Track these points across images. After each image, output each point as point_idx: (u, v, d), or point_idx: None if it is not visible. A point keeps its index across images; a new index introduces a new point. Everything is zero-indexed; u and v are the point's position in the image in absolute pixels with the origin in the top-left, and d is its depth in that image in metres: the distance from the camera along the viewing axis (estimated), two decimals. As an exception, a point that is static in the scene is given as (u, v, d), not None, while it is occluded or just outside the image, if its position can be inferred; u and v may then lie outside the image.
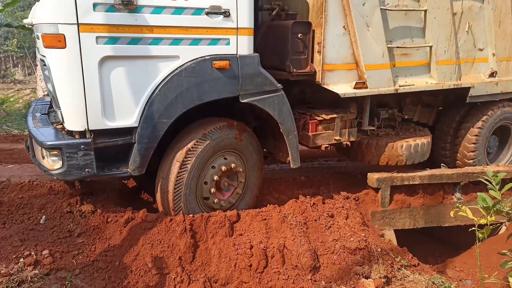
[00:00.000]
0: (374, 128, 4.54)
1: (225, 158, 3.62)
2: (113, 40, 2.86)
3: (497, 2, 4.69)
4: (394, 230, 4.36)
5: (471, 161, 5.03)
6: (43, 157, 3.08)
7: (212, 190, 3.57)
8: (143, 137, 3.09)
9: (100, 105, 2.92)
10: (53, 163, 3.00)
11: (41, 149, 3.08)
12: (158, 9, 2.95)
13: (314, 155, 6.07)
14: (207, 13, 3.13)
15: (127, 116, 3.04)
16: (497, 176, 1.86)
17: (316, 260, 3.31)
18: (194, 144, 3.38)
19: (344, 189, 4.46)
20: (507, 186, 1.82)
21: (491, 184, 1.84)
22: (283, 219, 3.51)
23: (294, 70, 3.68)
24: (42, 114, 3.81)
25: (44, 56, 2.94)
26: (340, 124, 4.07)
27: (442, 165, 4.77)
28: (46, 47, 2.83)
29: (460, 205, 1.99)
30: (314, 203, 3.88)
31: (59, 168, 2.95)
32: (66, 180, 3.38)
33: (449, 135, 5.16)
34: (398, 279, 3.44)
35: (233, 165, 3.64)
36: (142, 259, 3.07)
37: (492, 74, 4.84)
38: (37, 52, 3.82)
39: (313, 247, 3.40)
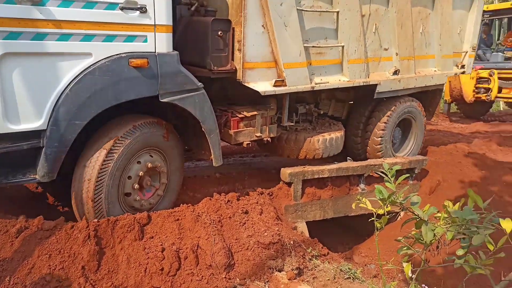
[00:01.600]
0: (292, 123, 4.70)
1: (151, 156, 3.50)
2: (14, 35, 2.60)
3: (399, 6, 5.03)
4: (306, 222, 4.54)
5: (379, 152, 5.45)
6: None
7: (136, 186, 3.42)
8: (52, 141, 2.84)
9: (0, 107, 2.63)
10: None
11: None
12: (66, 2, 2.73)
13: (230, 152, 6.06)
14: (122, 8, 2.96)
15: (34, 118, 2.78)
16: (392, 169, 1.99)
17: (230, 257, 3.29)
18: (124, 134, 3.22)
19: (258, 185, 4.51)
20: (400, 178, 1.98)
21: (387, 176, 1.97)
22: (196, 218, 3.43)
23: (215, 67, 3.64)
24: None
25: None
26: (261, 121, 4.16)
27: (348, 158, 5.08)
28: None
29: (360, 197, 2.10)
30: (228, 200, 3.86)
31: None
32: None
33: (359, 129, 5.53)
34: (309, 269, 3.58)
35: (158, 164, 3.53)
36: (38, 272, 2.75)
37: (395, 72, 5.21)
38: None
39: (228, 245, 3.38)
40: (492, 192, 4.94)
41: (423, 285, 3.02)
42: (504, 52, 10.43)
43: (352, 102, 5.67)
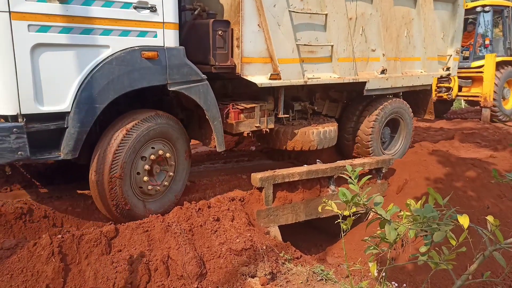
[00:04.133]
0: (288, 116, 5.07)
1: (163, 145, 3.81)
2: (45, 28, 3.02)
3: (383, 10, 5.44)
4: (278, 226, 4.54)
5: (369, 149, 5.76)
6: None
7: (147, 167, 3.68)
8: (75, 121, 3.21)
9: (32, 90, 3.01)
10: None
11: None
12: (88, 1, 3.18)
13: (200, 159, 6.01)
14: (135, 7, 3.40)
15: (60, 101, 3.16)
16: (355, 171, 2.03)
17: (202, 266, 3.25)
18: (144, 119, 3.61)
19: (230, 191, 4.49)
20: (363, 180, 2.01)
21: (351, 178, 2.00)
22: (166, 228, 3.37)
23: (217, 63, 4.03)
24: None
25: None
26: (259, 113, 4.52)
27: (318, 161, 5.13)
28: None
29: (326, 200, 2.12)
30: (199, 208, 3.82)
31: None
32: None
33: (351, 126, 5.88)
34: (282, 274, 3.58)
35: (168, 154, 3.84)
36: (-2, 294, 2.63)
37: (383, 71, 5.59)
38: None
39: (199, 254, 3.34)
40: (456, 187, 5.12)
41: (393, 282, 3.09)
42: (462, 52, 10.89)
43: (345, 102, 6.03)
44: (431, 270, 2.09)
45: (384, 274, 2.21)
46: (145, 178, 3.69)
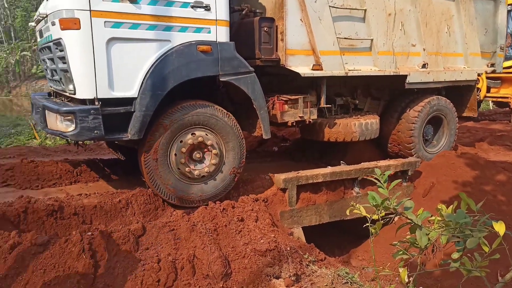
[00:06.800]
0: (330, 106, 5.24)
1: (206, 134, 4.02)
2: (118, 25, 3.48)
3: (422, 6, 5.52)
4: (302, 227, 4.53)
5: (410, 144, 5.78)
6: (57, 123, 3.56)
7: (183, 150, 3.91)
8: (141, 106, 3.61)
9: (106, 77, 3.47)
10: (67, 126, 3.48)
11: (56, 116, 3.56)
12: (153, 1, 3.62)
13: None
14: (192, 6, 3.80)
15: (129, 88, 3.59)
16: (384, 174, 2.00)
17: (227, 266, 3.27)
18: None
19: (253, 191, 4.50)
20: (393, 183, 1.98)
21: (380, 182, 1.98)
22: (192, 228, 3.41)
23: (262, 56, 4.34)
24: (45, 98, 4.42)
25: (60, 39, 3.45)
26: (303, 104, 4.74)
27: (342, 162, 5.09)
28: (62, 29, 3.38)
29: (354, 203, 2.11)
30: (224, 209, 3.85)
31: (72, 130, 3.44)
32: (77, 141, 4.00)
33: (392, 123, 5.92)
34: (307, 275, 3.57)
35: (209, 141, 4.03)
36: (33, 288, 2.73)
37: (424, 66, 5.62)
38: (38, 45, 4.61)
39: (224, 254, 3.36)
40: (486, 192, 4.97)
41: (420, 287, 3.03)
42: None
43: (386, 100, 6.10)
44: (460, 276, 2.05)
45: (410, 279, 2.17)
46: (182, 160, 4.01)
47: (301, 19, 4.49)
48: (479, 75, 7.21)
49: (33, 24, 4.56)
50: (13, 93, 31.23)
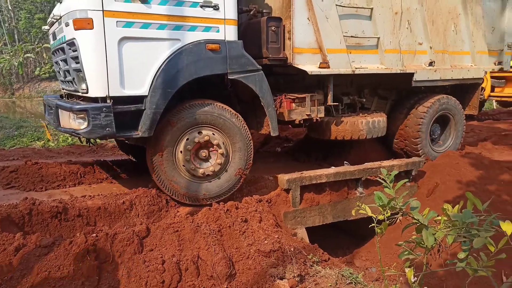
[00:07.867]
0: (337, 104, 5.23)
1: (213, 134, 4.07)
2: (129, 24, 3.56)
3: (429, 5, 5.55)
4: (305, 228, 4.52)
5: (417, 139, 5.76)
6: (70, 121, 3.62)
7: (188, 147, 3.96)
8: (152, 104, 3.67)
9: (118, 76, 3.53)
10: (79, 124, 3.55)
11: (69, 114, 3.62)
12: (164, 1, 3.69)
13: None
14: (201, 6, 3.87)
15: (140, 86, 3.66)
16: (390, 174, 1.99)
17: (231, 267, 3.27)
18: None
19: (257, 192, 4.50)
20: (399, 183, 1.97)
21: (386, 182, 1.97)
22: (196, 229, 3.41)
23: (270, 55, 4.39)
24: (58, 98, 4.53)
25: (73, 39, 3.53)
26: (310, 103, 4.77)
27: (345, 163, 5.08)
28: (76, 29, 3.46)
29: (359, 203, 2.10)
30: (227, 210, 3.84)
31: (85, 128, 3.51)
32: (89, 138, 4.04)
33: (400, 120, 5.91)
34: (311, 276, 3.56)
35: (215, 141, 4.07)
36: (37, 289, 2.73)
37: (431, 64, 5.62)
38: (51, 48, 4.70)
39: (228, 255, 3.36)
40: (490, 191, 4.95)
41: (425, 287, 3.01)
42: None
43: (393, 100, 6.11)
44: (465, 275, 2.03)
45: (416, 279, 2.16)
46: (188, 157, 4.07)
47: (308, 18, 4.52)
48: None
49: (46, 27, 4.65)
50: (16, 95, 31.37)
